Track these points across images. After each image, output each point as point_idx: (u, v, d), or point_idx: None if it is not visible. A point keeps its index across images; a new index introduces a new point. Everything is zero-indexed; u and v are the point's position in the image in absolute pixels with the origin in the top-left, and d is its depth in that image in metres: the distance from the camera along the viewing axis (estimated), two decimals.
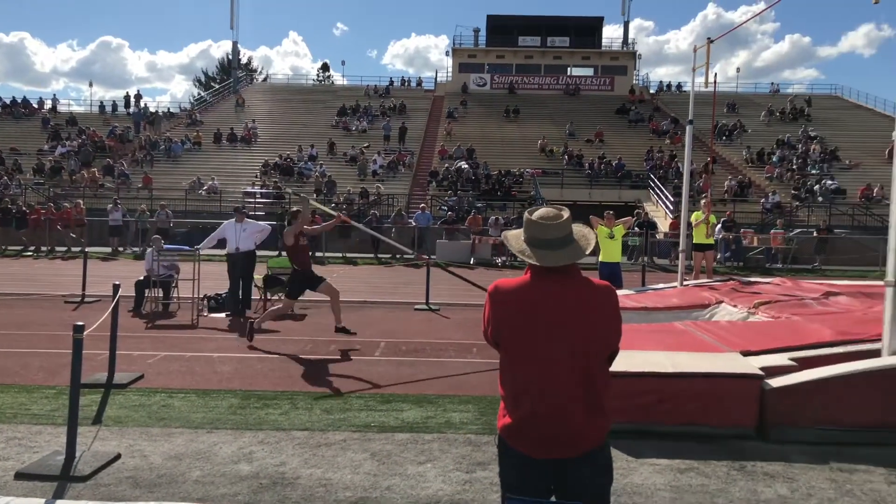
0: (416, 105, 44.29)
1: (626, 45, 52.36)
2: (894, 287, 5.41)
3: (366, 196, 27.45)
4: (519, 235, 2.52)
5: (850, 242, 22.82)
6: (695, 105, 12.15)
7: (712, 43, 10.84)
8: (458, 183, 29.72)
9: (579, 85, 48.38)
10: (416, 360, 7.93)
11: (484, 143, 36.25)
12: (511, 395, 2.43)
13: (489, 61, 50.13)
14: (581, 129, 38.48)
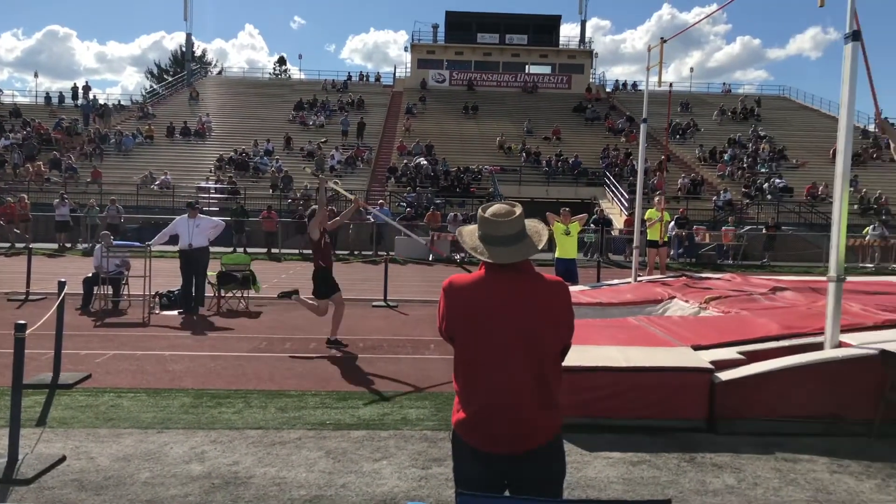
0: (374, 100, 44.02)
1: (584, 43, 52.95)
2: (836, 282, 5.59)
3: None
4: (473, 232, 2.52)
5: (797, 239, 23.57)
6: (649, 104, 12.36)
7: (665, 43, 11.03)
8: (416, 179, 29.67)
9: (537, 83, 48.74)
10: (373, 357, 7.89)
11: (443, 140, 36.26)
12: (465, 389, 2.45)
13: (448, 58, 50.12)
14: (539, 127, 38.81)
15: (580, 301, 9.33)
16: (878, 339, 5.70)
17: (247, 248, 21.06)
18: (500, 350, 2.35)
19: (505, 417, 2.35)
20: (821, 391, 5.32)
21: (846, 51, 5.56)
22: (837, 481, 4.35)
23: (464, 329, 2.42)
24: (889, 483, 4.33)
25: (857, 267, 20.58)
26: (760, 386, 5.29)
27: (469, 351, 2.42)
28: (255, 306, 11.36)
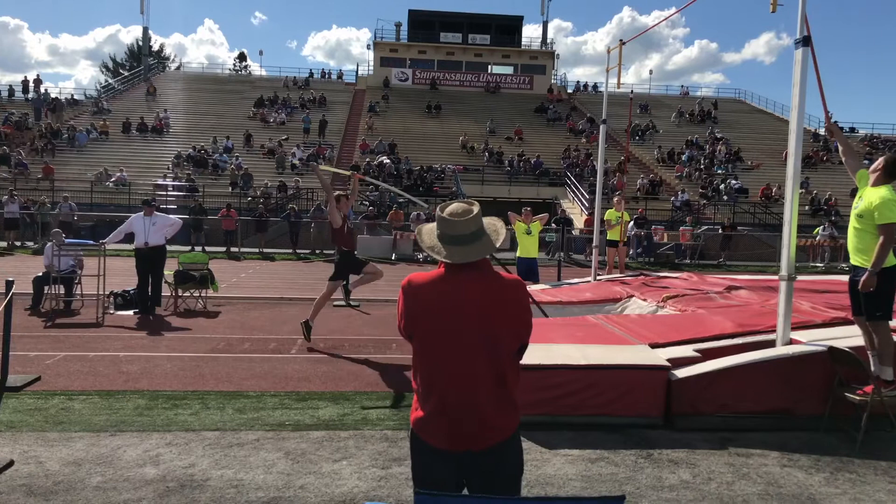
0: (336, 98, 43.70)
1: (545, 44, 53.44)
2: (787, 281, 5.75)
3: (284, 190, 26.89)
4: (432, 230, 2.52)
5: (752, 239, 24.16)
6: (609, 105, 12.52)
7: (624, 45, 11.18)
8: (379, 178, 29.54)
9: (500, 83, 48.99)
10: (334, 356, 7.83)
11: (406, 138, 36.18)
12: (423, 388, 2.45)
13: (411, 56, 50.05)
14: (501, 127, 39.01)
15: (541, 300, 9.41)
16: (826, 337, 5.88)
17: (205, 247, 20.69)
18: (458, 348, 2.35)
19: (462, 415, 2.35)
20: (773, 387, 5.46)
21: (797, 56, 5.71)
22: (788, 475, 4.47)
23: (422, 327, 2.42)
24: (837, 476, 4.47)
25: (808, 266, 21.19)
26: (715, 383, 5.41)
27: (427, 349, 2.42)
28: (214, 306, 11.17)
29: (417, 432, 2.45)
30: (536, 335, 6.71)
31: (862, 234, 5.29)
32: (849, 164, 5.81)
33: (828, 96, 6.10)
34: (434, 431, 2.40)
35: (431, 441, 2.40)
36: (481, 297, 2.37)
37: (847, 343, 5.53)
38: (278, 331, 9.31)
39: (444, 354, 2.38)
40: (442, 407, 2.38)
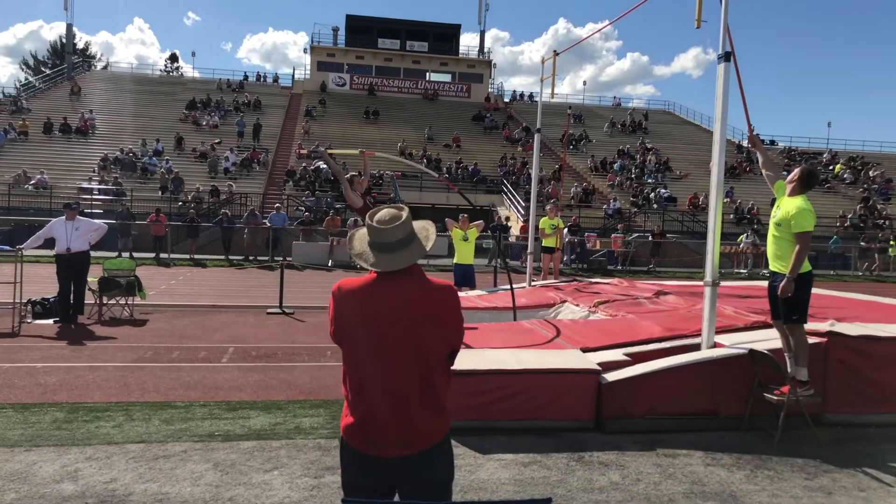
0: (272, 102, 43.00)
1: (483, 53, 54.00)
2: (711, 287, 5.97)
3: (217, 194, 26.24)
4: (364, 237, 2.50)
5: (680, 246, 24.99)
6: (544, 115, 12.73)
7: (558, 56, 11.41)
8: (316, 183, 29.20)
9: (438, 90, 49.24)
10: (267, 365, 7.67)
11: (343, 144, 35.85)
12: (352, 394, 2.43)
13: (349, 61, 49.74)
14: (439, 134, 39.18)
15: (477, 305, 9.49)
16: (747, 340, 6.12)
17: (133, 253, 19.97)
18: (388, 354, 2.34)
19: (392, 421, 2.34)
20: (698, 389, 5.65)
21: (719, 70, 5.96)
22: (711, 473, 4.63)
23: (352, 333, 2.40)
24: (756, 473, 4.65)
25: (732, 272, 22.07)
26: (644, 386, 5.56)
27: (357, 355, 2.40)
28: (141, 314, 10.78)
29: (347, 439, 2.43)
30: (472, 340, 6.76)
31: (780, 241, 5.54)
32: (768, 174, 6.07)
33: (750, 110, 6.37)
34: (363, 438, 2.38)
35: (361, 448, 2.39)
36: (411, 303, 2.36)
37: (766, 346, 5.77)
38: (209, 339, 9.06)
39: (373, 360, 2.36)
40: (371, 413, 2.37)
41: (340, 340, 2.46)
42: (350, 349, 2.43)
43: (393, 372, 2.35)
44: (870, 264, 24.58)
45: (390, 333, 2.34)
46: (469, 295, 10.69)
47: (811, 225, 5.35)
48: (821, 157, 42.17)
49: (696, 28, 6.56)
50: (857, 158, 42.29)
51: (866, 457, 5.04)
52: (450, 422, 2.49)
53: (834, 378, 5.81)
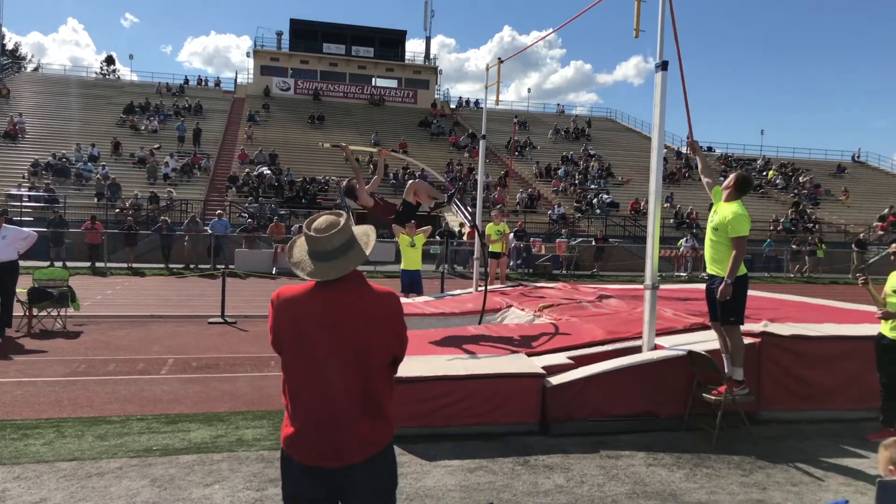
0: (213, 106, 42.12)
1: (429, 60, 54.14)
2: (651, 290, 6.10)
3: (156, 201, 25.51)
4: (304, 245, 2.46)
5: (623, 250, 25.55)
6: (490, 122, 12.84)
7: (503, 63, 11.53)
8: (259, 189, 28.71)
9: (384, 96, 49.12)
10: (208, 376, 7.47)
11: (287, 149, 35.41)
12: (292, 404, 2.39)
13: (293, 66, 49.16)
14: (386, 139, 39.04)
15: (424, 311, 9.46)
16: (687, 342, 6.29)
17: (66, 262, 19.20)
18: (328, 362, 2.31)
19: (332, 430, 2.31)
20: (640, 391, 5.77)
21: (657, 79, 6.12)
22: (653, 473, 4.72)
23: (291, 342, 2.36)
24: (695, 472, 4.77)
25: (672, 276, 22.67)
26: (587, 388, 5.64)
27: (297, 364, 2.36)
28: (74, 326, 10.37)
29: (287, 450, 2.39)
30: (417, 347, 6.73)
31: (717, 245, 5.70)
32: (706, 180, 6.24)
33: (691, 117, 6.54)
34: (303, 448, 2.34)
35: (301, 458, 2.35)
36: (352, 310, 2.33)
37: (704, 347, 5.94)
38: (147, 350, 8.78)
39: (313, 369, 2.33)
40: (311, 423, 2.33)
41: (280, 349, 2.43)
42: (290, 358, 2.39)
43: (334, 381, 2.32)
44: (801, 266, 25.60)
45: (330, 341, 2.31)
46: (416, 301, 10.67)
47: (746, 230, 5.52)
48: (755, 164, 43.79)
49: (635, 38, 6.73)
50: (788, 165, 44.08)
51: (798, 452, 5.23)
52: (393, 430, 2.47)
53: (767, 377, 6.02)
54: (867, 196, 39.79)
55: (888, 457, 2.47)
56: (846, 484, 4.62)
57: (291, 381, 2.39)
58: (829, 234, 31.56)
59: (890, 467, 2.44)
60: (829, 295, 13.48)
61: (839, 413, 6.09)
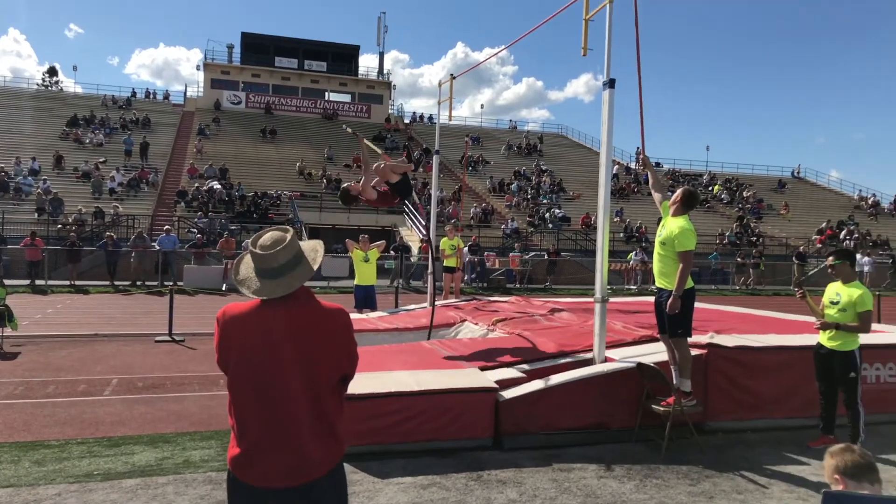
0: (162, 120, 41.28)
1: (382, 75, 54.22)
2: (601, 303, 6.20)
3: (101, 216, 24.78)
4: (251, 262, 2.42)
5: (574, 264, 25.89)
6: (443, 137, 12.92)
7: (455, 79, 11.63)
8: (209, 204, 28.17)
9: (337, 110, 48.94)
10: (154, 396, 7.26)
11: (238, 163, 34.90)
12: (239, 424, 2.34)
13: (244, 79, 48.62)
14: (339, 154, 38.88)
15: (377, 327, 9.40)
16: (636, 354, 6.40)
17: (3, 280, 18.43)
18: (276, 381, 2.27)
19: (281, 451, 2.27)
20: (591, 403, 5.84)
21: (604, 96, 6.25)
22: (604, 485, 4.77)
23: (237, 361, 2.32)
24: (645, 483, 4.84)
25: (622, 289, 23.08)
26: (539, 402, 5.67)
27: (243, 383, 2.32)
28: (12, 346, 9.96)
29: (233, 471, 2.34)
30: (371, 363, 6.68)
31: (665, 259, 5.83)
32: (656, 195, 6.38)
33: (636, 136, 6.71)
34: (251, 469, 2.29)
35: (249, 479, 2.30)
36: (299, 328, 2.30)
37: (653, 359, 6.05)
38: (90, 371, 8.49)
39: (261, 388, 2.28)
40: (259, 443, 2.28)
41: (226, 368, 2.38)
42: (236, 377, 2.34)
43: (281, 400, 2.28)
44: (745, 279, 26.37)
45: (278, 360, 2.27)
46: (370, 317, 10.59)
47: (693, 244, 5.66)
48: (701, 179, 45.05)
49: (583, 56, 6.87)
50: (732, 180, 45.48)
51: (744, 461, 5.36)
52: (343, 449, 2.43)
53: (714, 388, 6.16)
54: (807, 210, 41.34)
55: (834, 465, 2.51)
56: (788, 491, 4.75)
57: (238, 401, 2.35)
58: (772, 247, 32.64)
59: (835, 476, 2.48)
60: (771, 306, 13.92)
61: (781, 421, 6.27)
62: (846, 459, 2.47)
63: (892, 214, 42.82)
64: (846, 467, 2.46)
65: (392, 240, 26.53)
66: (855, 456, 2.48)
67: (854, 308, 5.48)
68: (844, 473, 2.45)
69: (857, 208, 42.77)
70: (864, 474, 2.45)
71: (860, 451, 2.52)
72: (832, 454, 2.54)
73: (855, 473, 2.44)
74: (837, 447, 2.58)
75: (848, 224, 37.14)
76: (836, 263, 5.74)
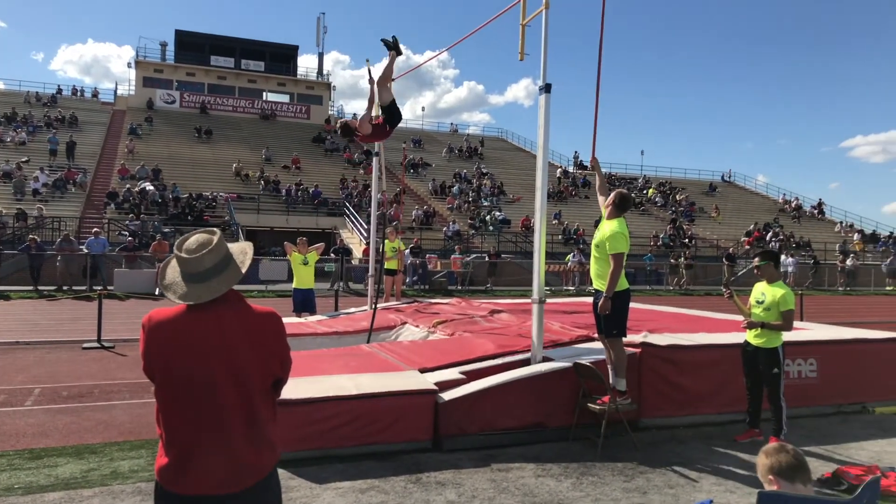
0: (90, 118, 39.79)
1: (322, 75, 53.64)
2: (538, 304, 6.28)
3: (24, 218, 23.66)
4: (177, 266, 2.34)
5: (515, 266, 26.19)
6: None
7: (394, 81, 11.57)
8: (141, 206, 27.27)
9: (275, 110, 48.17)
10: (80, 405, 6.97)
11: (172, 164, 33.92)
12: (167, 432, 2.26)
13: (178, 78, 47.30)
14: (278, 155, 38.26)
15: (317, 331, 9.28)
16: (573, 354, 6.51)
17: None
18: (205, 387, 2.20)
19: (212, 458, 2.20)
20: (529, 403, 5.90)
21: (541, 101, 6.35)
22: (541, 484, 4.83)
23: (164, 367, 2.24)
24: (582, 480, 4.93)
25: (561, 290, 23.47)
26: (478, 403, 5.70)
27: (171, 390, 2.24)
28: None
29: (161, 481, 2.25)
30: (309, 367, 6.59)
31: (600, 261, 5.96)
32: (601, 198, 6.48)
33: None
34: (180, 478, 2.21)
35: (177, 489, 2.22)
36: (229, 332, 2.24)
37: (589, 358, 6.17)
38: (10, 380, 8.08)
39: (190, 394, 2.21)
40: (189, 451, 2.21)
41: (152, 375, 2.30)
42: (163, 384, 2.26)
43: (212, 406, 2.21)
44: (678, 279, 27.22)
45: (207, 365, 2.20)
46: (309, 320, 10.45)
47: (624, 247, 5.79)
48: (636, 182, 46.30)
49: (520, 60, 6.97)
50: (666, 184, 46.91)
51: (675, 456, 5.52)
52: (277, 455, 2.39)
53: (647, 385, 6.33)
54: (736, 213, 43.00)
55: (768, 465, 2.54)
56: (717, 484, 4.91)
57: (166, 409, 2.27)
58: (703, 249, 33.81)
59: (770, 477, 2.54)
60: (703, 306, 14.41)
61: (711, 417, 6.49)
62: (780, 460, 2.52)
63: (814, 217, 45.00)
64: (780, 468, 2.51)
65: (332, 242, 26.26)
66: (788, 457, 2.52)
67: (777, 307, 5.72)
68: (778, 474, 2.50)
69: (782, 211, 44.77)
70: (796, 475, 2.50)
71: (793, 451, 2.56)
72: (766, 454, 2.57)
73: (788, 474, 2.49)
74: (772, 447, 2.60)
75: (774, 226, 38.82)
76: (761, 264, 5.99)
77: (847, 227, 42.64)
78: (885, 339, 7.67)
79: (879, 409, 7.13)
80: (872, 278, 30.12)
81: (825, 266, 30.59)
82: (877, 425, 6.63)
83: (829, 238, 39.04)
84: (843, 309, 20.39)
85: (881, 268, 31.12)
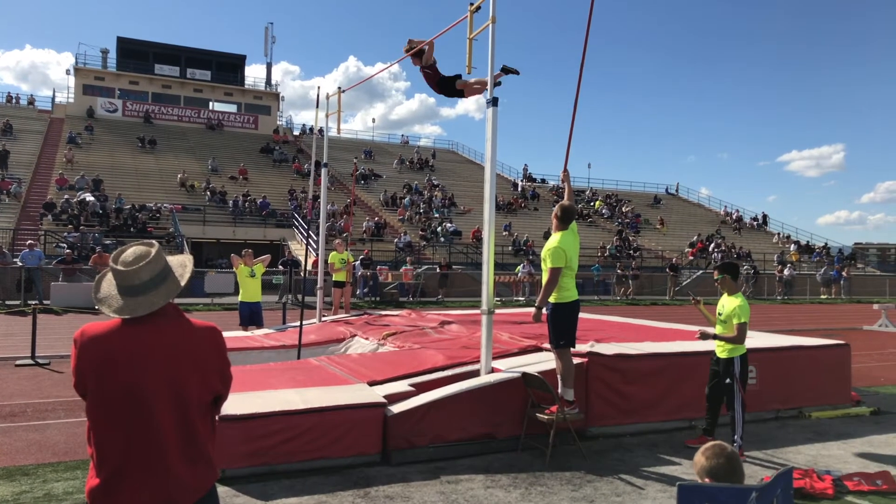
0: (26, 126, 38.40)
1: (270, 85, 53.02)
2: (487, 315, 6.30)
3: None
4: (112, 279, 2.26)
5: (466, 277, 26.26)
6: (334, 150, 12.78)
7: (344, 92, 11.56)
8: (81, 217, 26.37)
9: (222, 120, 47.35)
10: (12, 425, 6.65)
11: (114, 174, 32.96)
12: (99, 452, 2.17)
13: (121, 86, 46.06)
14: (224, 165, 37.60)
15: (263, 345, 9.11)
16: (522, 364, 6.55)
17: None
18: (140, 404, 2.12)
19: (147, 478, 2.12)
20: (478, 414, 5.90)
21: (488, 114, 6.40)
22: (491, 495, 4.83)
23: (97, 384, 2.15)
24: (531, 490, 4.94)
25: (511, 300, 23.64)
26: (427, 415, 5.67)
27: (104, 408, 2.16)
28: None
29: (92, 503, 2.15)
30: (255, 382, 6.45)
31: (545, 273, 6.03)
32: None
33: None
34: (112, 500, 2.13)
35: None
36: (167, 347, 2.17)
37: (537, 368, 6.21)
38: None
39: (123, 412, 2.13)
40: (121, 471, 2.12)
41: (84, 393, 2.20)
42: (95, 402, 2.17)
43: (147, 424, 2.13)
44: (625, 290, 27.75)
45: (143, 381, 2.13)
46: (255, 334, 10.25)
47: (560, 262, 5.82)
48: (583, 195, 47.12)
49: (468, 73, 7.02)
50: (612, 196, 47.90)
51: (622, 464, 5.59)
52: (217, 473, 2.32)
53: (594, 394, 6.40)
54: (680, 225, 44.18)
55: (705, 467, 2.58)
56: (662, 490, 4.99)
57: (98, 428, 2.18)
58: (649, 259, 34.59)
59: (706, 479, 2.58)
60: (649, 315, 14.72)
61: (657, 424, 6.61)
62: (716, 463, 2.56)
63: (754, 229, 46.58)
64: (716, 470, 2.55)
65: (281, 254, 25.89)
66: (723, 460, 2.57)
67: (731, 319, 5.87)
68: (712, 475, 2.55)
69: (724, 223, 46.21)
70: (729, 478, 2.55)
71: (730, 453, 2.60)
72: (704, 454, 2.61)
73: (722, 476, 2.54)
74: (710, 448, 2.64)
75: (716, 238, 40.02)
76: (718, 278, 6.14)
77: (784, 238, 44.29)
78: (821, 345, 7.97)
79: (815, 414, 7.39)
80: (808, 287, 31.33)
81: (764, 276, 31.65)
82: (813, 430, 6.86)
83: (768, 249, 40.48)
84: (781, 317, 21.11)
85: (816, 277, 32.42)
